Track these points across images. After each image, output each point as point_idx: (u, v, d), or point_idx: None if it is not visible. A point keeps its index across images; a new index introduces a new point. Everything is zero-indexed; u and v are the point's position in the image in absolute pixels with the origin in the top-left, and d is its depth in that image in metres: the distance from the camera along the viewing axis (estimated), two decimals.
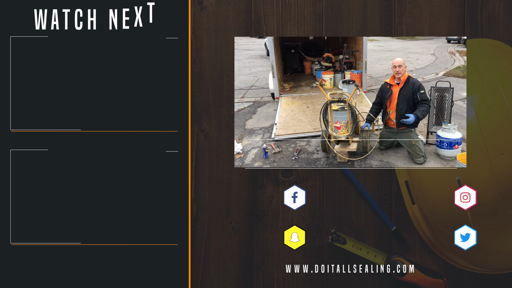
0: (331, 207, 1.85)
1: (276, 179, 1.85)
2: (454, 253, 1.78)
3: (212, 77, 1.86)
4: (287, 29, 1.86)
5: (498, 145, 1.66)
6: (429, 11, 1.86)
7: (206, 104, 1.86)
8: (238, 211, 1.85)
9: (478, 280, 1.85)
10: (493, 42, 1.83)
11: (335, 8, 1.86)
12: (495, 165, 1.66)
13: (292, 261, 1.85)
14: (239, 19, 1.86)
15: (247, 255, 1.85)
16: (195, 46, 1.86)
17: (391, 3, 1.86)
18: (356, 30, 1.86)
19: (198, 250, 1.85)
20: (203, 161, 1.85)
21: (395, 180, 1.85)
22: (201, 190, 1.85)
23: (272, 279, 1.85)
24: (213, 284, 1.85)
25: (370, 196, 1.83)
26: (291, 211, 1.84)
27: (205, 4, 1.86)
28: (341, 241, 1.81)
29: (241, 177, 1.85)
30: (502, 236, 1.73)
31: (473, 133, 1.68)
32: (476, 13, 1.86)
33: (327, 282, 1.84)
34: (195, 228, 1.85)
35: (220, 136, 1.85)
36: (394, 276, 1.79)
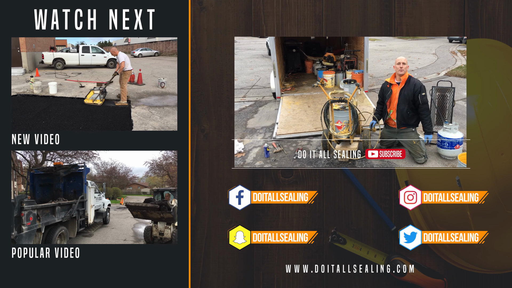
0: (331, 207, 1.85)
1: (276, 179, 1.85)
2: (454, 253, 1.78)
3: (212, 77, 1.86)
4: (287, 29, 1.86)
5: (498, 145, 1.66)
6: (429, 11, 1.86)
7: (206, 104, 1.86)
8: (238, 211, 1.85)
9: (478, 280, 1.85)
10: (493, 42, 1.83)
11: (335, 8, 1.86)
12: (495, 165, 1.66)
13: (292, 261, 1.85)
14: (239, 19, 1.86)
15: (247, 255, 1.85)
16: (195, 46, 1.86)
17: (391, 3, 1.86)
18: (356, 30, 1.86)
19: (198, 250, 1.85)
20: (203, 161, 1.85)
21: (395, 180, 1.85)
22: (201, 190, 1.85)
23: (272, 279, 1.85)
24: (213, 284, 1.85)
25: (370, 196, 1.83)
26: (291, 211, 1.84)
27: (205, 4, 1.86)
28: (341, 241, 1.81)
29: (241, 177, 1.85)
30: (502, 236, 1.73)
31: (473, 133, 1.68)
32: (476, 13, 1.86)
33: (327, 282, 1.84)
34: (195, 228, 1.85)
35: (220, 136, 1.85)
36: (394, 276, 1.78)
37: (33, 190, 3.44)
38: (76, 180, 3.50)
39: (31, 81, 3.75)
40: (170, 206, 2.97)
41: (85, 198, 3.47)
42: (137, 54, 5.90)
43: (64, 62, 4.93)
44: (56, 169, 3.41)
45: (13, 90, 3.65)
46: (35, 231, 2.51)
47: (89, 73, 4.71)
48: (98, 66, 5.03)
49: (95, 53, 5.05)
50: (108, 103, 3.37)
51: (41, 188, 3.46)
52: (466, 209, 1.71)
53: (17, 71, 4.47)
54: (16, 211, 2.33)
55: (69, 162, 3.63)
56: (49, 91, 3.71)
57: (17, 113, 2.92)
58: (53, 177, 3.47)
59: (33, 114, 2.94)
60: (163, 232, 3.06)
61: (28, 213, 2.42)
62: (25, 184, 3.63)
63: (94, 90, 3.48)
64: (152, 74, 4.66)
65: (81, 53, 5.02)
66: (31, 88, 3.71)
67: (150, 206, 3.07)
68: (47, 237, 2.70)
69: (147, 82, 4.28)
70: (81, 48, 5.03)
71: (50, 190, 3.46)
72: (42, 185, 3.45)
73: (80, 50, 5.03)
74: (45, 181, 3.45)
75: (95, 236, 3.52)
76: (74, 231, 3.22)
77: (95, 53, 5.05)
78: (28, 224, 2.40)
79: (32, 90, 3.69)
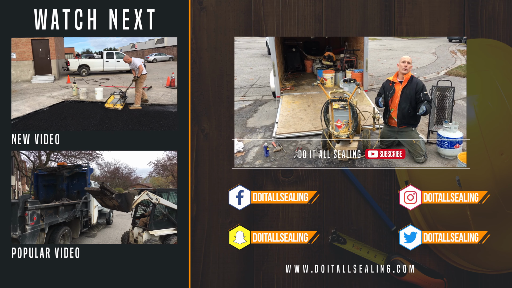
0: (331, 207, 1.85)
1: (276, 179, 1.85)
2: (454, 253, 1.78)
3: (212, 77, 1.86)
4: (287, 29, 1.86)
5: (498, 145, 1.66)
6: (429, 11, 1.86)
7: (206, 104, 1.86)
8: (238, 211, 1.85)
9: (478, 280, 1.85)
10: (493, 42, 1.83)
11: (335, 8, 1.86)
12: (495, 165, 1.66)
13: (292, 261, 1.85)
14: (239, 19, 1.86)
15: (247, 255, 1.85)
16: (195, 46, 1.86)
17: (391, 3, 1.85)
18: (356, 30, 1.86)
19: (198, 250, 1.85)
20: (203, 161, 1.85)
21: (395, 180, 1.85)
22: (201, 190, 1.85)
23: (272, 279, 1.85)
24: (213, 284, 1.85)
25: (370, 196, 1.83)
26: (291, 211, 1.84)
27: (205, 4, 1.86)
28: (341, 241, 1.81)
29: (241, 177, 1.85)
30: (502, 236, 1.73)
31: (473, 133, 1.68)
32: (476, 13, 1.86)
33: (327, 282, 1.84)
34: (195, 228, 1.85)
35: (220, 136, 1.85)
36: (394, 276, 1.79)
37: (37, 190, 3.45)
38: (80, 181, 3.51)
39: (75, 88, 3.76)
40: (113, 191, 2.94)
41: (89, 199, 3.47)
42: (152, 59, 5.88)
43: (89, 68, 4.94)
44: (59, 169, 3.41)
45: (55, 97, 3.69)
46: (39, 231, 2.52)
47: (116, 78, 4.71)
48: (121, 72, 5.02)
49: (119, 58, 5.05)
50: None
51: (45, 188, 3.47)
52: (466, 209, 1.71)
53: (48, 78, 4.50)
54: (20, 211, 2.34)
55: (72, 163, 3.64)
56: (96, 97, 3.72)
57: (78, 119, 2.93)
58: (56, 177, 3.48)
59: (96, 120, 2.92)
60: (137, 239, 3.04)
61: (32, 213, 2.43)
62: (29, 184, 3.64)
63: (115, 95, 3.47)
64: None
65: (105, 59, 5.01)
66: (75, 94, 3.72)
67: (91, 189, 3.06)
68: (50, 237, 2.71)
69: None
70: (105, 54, 5.03)
71: (53, 190, 3.47)
72: (45, 185, 3.47)
73: (104, 56, 5.02)
74: (48, 181, 3.46)
75: (98, 237, 3.53)
76: (77, 232, 3.23)
77: (119, 59, 5.04)
78: (32, 224, 2.41)
79: (77, 96, 3.70)
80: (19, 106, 3.14)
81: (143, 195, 2.97)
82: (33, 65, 4.46)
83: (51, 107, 3.33)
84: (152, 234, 2.96)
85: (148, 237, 2.97)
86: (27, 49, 4.39)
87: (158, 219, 3.06)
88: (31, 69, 4.44)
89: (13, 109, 1.67)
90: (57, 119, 2.95)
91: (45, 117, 2.97)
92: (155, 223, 3.05)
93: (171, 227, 3.05)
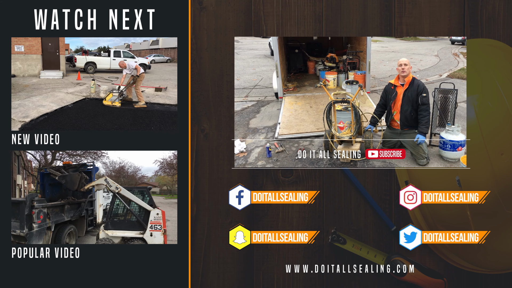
0: (331, 207, 1.85)
1: (276, 179, 1.85)
2: (454, 253, 1.78)
3: (212, 77, 1.86)
4: (287, 29, 1.86)
5: (498, 145, 1.66)
6: (429, 11, 1.86)
7: (206, 104, 1.86)
8: (238, 211, 1.85)
9: (478, 280, 1.84)
10: (493, 42, 1.83)
11: (335, 8, 1.86)
12: (495, 165, 1.65)
13: (292, 261, 1.85)
14: (239, 19, 1.86)
15: (247, 255, 1.86)
16: (195, 46, 1.86)
17: (391, 3, 1.85)
18: (356, 30, 1.86)
19: (198, 250, 1.85)
20: (203, 161, 1.85)
21: (395, 180, 1.84)
22: (201, 190, 1.85)
23: (272, 279, 1.85)
24: (213, 284, 1.85)
25: (370, 196, 1.83)
26: (291, 211, 1.84)
27: (205, 4, 1.86)
28: (341, 241, 1.81)
29: (241, 177, 1.86)
30: (502, 236, 1.73)
31: (473, 133, 1.68)
32: (476, 13, 1.85)
33: (327, 282, 1.84)
34: (195, 228, 1.85)
35: (220, 136, 1.86)
36: (394, 276, 1.78)
37: (43, 189, 3.46)
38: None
39: (94, 85, 3.74)
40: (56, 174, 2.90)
41: (94, 197, 3.48)
42: (150, 60, 5.89)
43: (95, 66, 4.91)
44: (65, 168, 3.42)
45: (73, 93, 3.67)
46: (45, 229, 2.53)
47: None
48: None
49: (126, 57, 5.04)
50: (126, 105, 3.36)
51: (51, 187, 3.48)
52: (466, 209, 1.71)
53: (56, 74, 4.44)
54: (27, 209, 2.35)
55: (78, 162, 3.64)
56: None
57: (110, 117, 2.92)
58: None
59: (129, 120, 2.92)
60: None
61: (39, 212, 2.44)
62: (35, 183, 3.65)
63: (113, 92, 3.47)
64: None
65: (112, 57, 5.01)
66: (93, 92, 3.70)
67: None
68: (56, 235, 2.71)
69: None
70: (112, 53, 5.02)
71: (59, 189, 3.47)
72: (51, 184, 3.47)
73: (111, 55, 5.02)
74: (54, 180, 3.46)
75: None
76: (82, 230, 3.23)
77: (126, 58, 5.03)
78: (39, 222, 2.42)
79: (97, 93, 3.68)
80: (42, 102, 3.09)
81: (100, 180, 2.82)
82: (42, 60, 4.39)
83: (74, 104, 3.31)
84: (107, 233, 2.78)
85: (104, 236, 2.78)
86: (36, 43, 4.28)
87: (118, 218, 2.91)
88: (39, 63, 4.36)
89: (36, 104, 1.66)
90: (87, 117, 2.92)
91: (74, 114, 2.94)
92: (112, 222, 2.88)
93: (136, 229, 2.78)
